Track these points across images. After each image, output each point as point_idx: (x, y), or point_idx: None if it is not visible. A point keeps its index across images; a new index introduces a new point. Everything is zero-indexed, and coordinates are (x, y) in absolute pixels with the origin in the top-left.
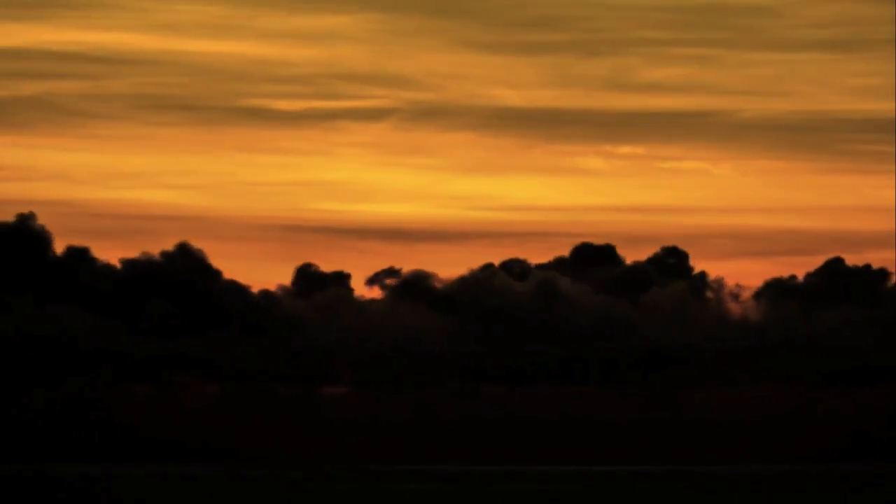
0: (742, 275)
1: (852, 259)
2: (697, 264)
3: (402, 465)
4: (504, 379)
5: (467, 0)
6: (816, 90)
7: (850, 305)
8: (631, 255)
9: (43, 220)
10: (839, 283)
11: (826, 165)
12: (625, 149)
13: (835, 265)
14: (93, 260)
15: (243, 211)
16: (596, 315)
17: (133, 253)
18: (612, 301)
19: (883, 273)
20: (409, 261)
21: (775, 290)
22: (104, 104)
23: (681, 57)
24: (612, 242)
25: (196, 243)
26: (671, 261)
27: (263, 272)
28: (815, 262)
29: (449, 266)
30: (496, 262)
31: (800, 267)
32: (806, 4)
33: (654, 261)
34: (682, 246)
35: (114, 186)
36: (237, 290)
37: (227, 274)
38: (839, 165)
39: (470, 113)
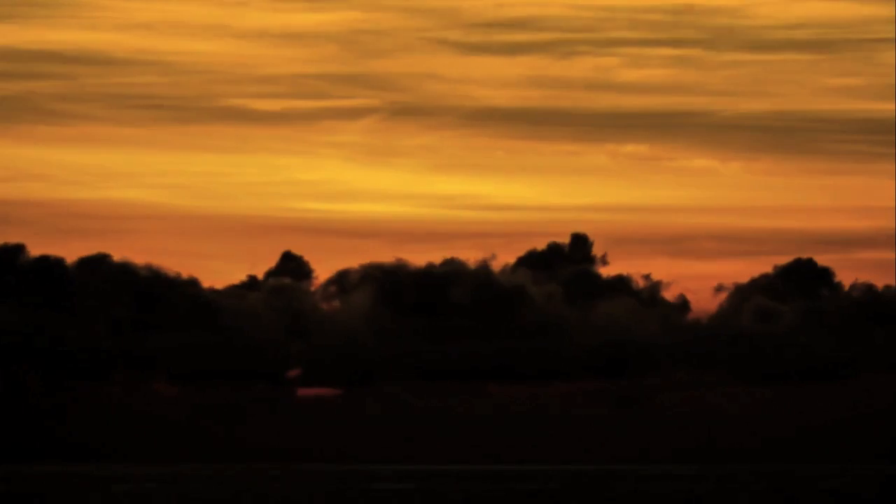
0: (725, 274)
1: (826, 259)
2: (678, 263)
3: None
4: (453, 376)
5: (446, 0)
6: (795, 90)
7: (809, 303)
8: (608, 253)
9: (20, 219)
10: (804, 282)
11: (804, 165)
12: (604, 149)
13: (803, 265)
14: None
15: (223, 210)
16: (551, 314)
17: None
18: (569, 299)
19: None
20: (387, 259)
21: (745, 289)
22: (82, 104)
23: (659, 58)
24: (593, 240)
25: (173, 242)
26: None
27: (226, 272)
28: (788, 261)
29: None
30: (470, 259)
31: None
32: (783, 5)
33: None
34: (658, 244)
35: (91, 186)
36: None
37: (201, 273)
38: (818, 166)
39: (449, 113)
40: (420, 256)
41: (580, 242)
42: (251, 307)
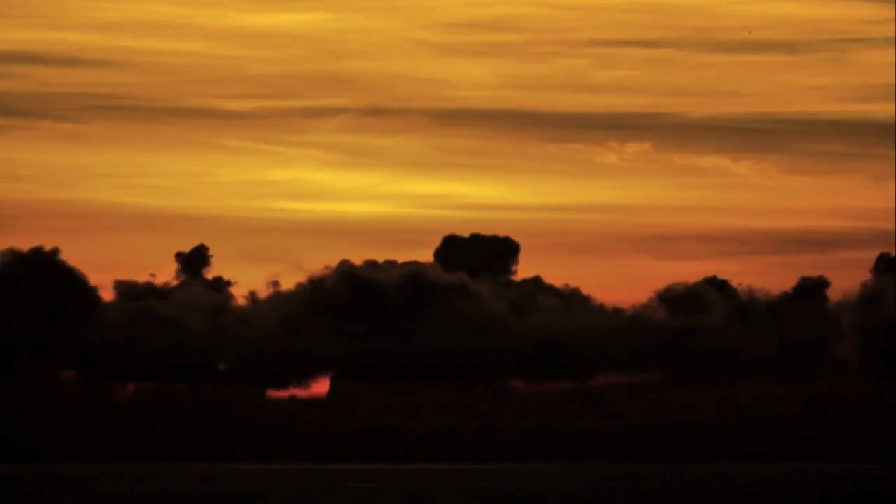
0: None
1: (794, 260)
2: (654, 263)
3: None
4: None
5: (418, 0)
6: (767, 91)
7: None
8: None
9: None
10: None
11: (777, 166)
12: (573, 148)
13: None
14: None
15: (193, 210)
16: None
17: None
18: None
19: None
20: (355, 257)
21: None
22: (51, 104)
23: (630, 58)
24: (555, 241)
25: (143, 240)
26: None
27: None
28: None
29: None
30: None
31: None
32: (755, 5)
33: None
34: (626, 244)
35: (63, 185)
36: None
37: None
38: (792, 166)
39: (419, 113)
40: (393, 255)
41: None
42: (173, 306)
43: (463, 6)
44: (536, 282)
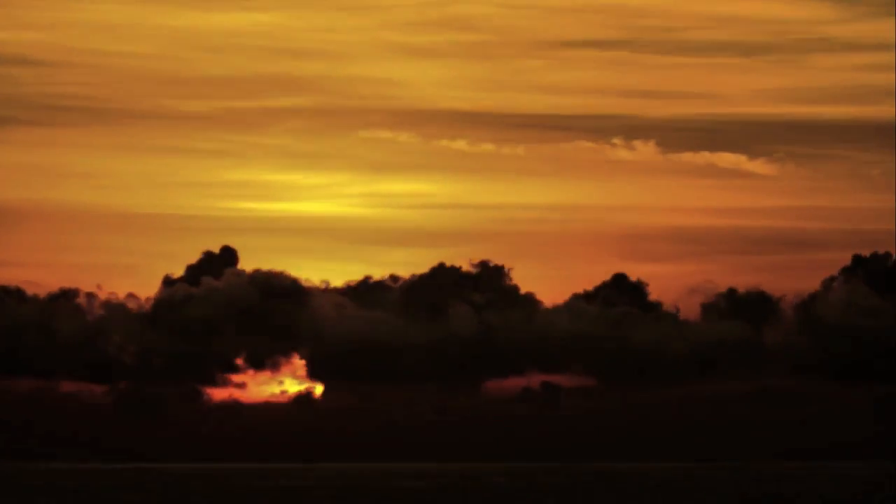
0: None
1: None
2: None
3: None
4: None
5: (374, 1)
6: (726, 92)
7: None
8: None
9: None
10: None
11: (736, 166)
12: (531, 148)
13: None
14: None
15: (154, 209)
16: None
17: None
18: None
19: None
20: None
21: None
22: (8, 106)
23: (586, 59)
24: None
25: (103, 241)
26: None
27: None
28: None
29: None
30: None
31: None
32: (714, 6)
33: None
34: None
35: (19, 186)
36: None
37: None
38: (751, 168)
39: (376, 113)
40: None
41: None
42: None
43: (419, 6)
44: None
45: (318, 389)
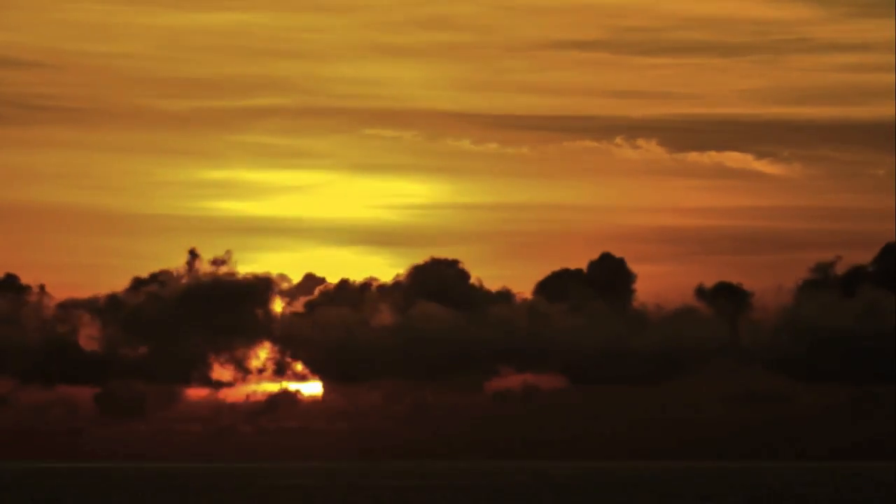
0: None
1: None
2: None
3: None
4: None
5: (354, 1)
6: (703, 93)
7: None
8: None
9: None
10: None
11: (711, 167)
12: (509, 150)
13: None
14: None
15: (130, 209)
16: None
17: None
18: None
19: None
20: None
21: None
22: None
23: (565, 60)
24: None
25: (80, 240)
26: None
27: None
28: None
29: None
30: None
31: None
32: (690, 7)
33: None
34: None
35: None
36: None
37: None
38: (724, 168)
39: (353, 112)
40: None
41: None
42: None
43: (401, 7)
44: None
45: (294, 387)
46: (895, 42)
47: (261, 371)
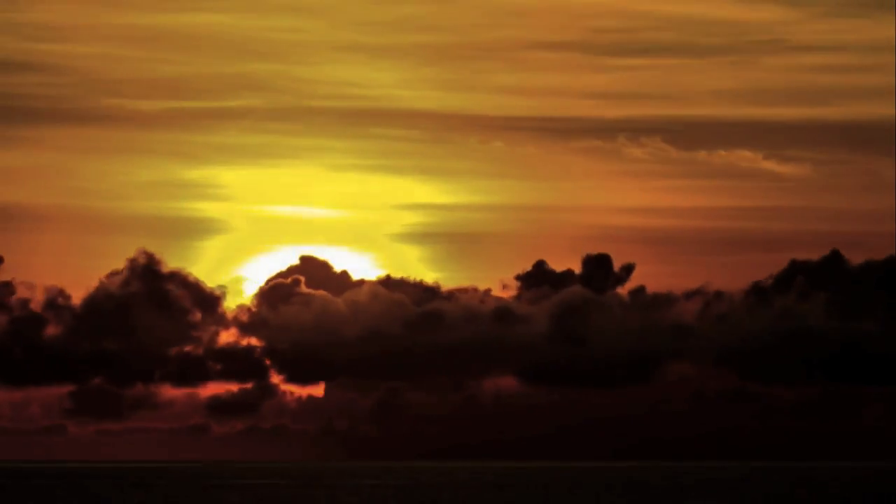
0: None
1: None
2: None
3: None
4: None
5: (326, 1)
6: (675, 94)
7: None
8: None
9: None
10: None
11: (686, 169)
12: (487, 149)
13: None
14: None
15: (105, 208)
16: None
17: None
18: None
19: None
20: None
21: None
22: None
23: (539, 61)
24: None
25: (54, 240)
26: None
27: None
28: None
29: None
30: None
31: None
32: (660, 6)
33: None
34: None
35: None
36: None
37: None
38: (698, 169)
39: (328, 113)
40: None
41: None
42: None
43: (376, 5)
44: None
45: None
46: (869, 43)
47: (230, 369)
